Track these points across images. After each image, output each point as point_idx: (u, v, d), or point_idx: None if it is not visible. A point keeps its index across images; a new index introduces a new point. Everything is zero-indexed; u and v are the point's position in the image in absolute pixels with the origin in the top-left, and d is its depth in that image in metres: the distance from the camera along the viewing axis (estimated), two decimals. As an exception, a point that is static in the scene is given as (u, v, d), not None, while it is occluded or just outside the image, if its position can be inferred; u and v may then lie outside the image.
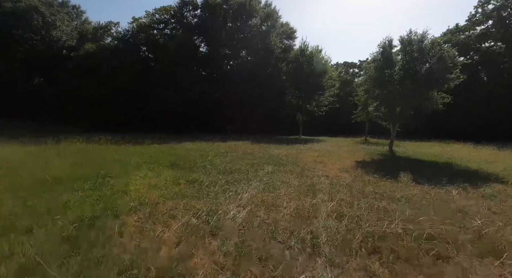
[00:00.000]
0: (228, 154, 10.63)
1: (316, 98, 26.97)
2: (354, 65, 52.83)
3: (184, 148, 11.99)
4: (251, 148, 13.60)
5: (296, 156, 11.08)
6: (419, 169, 8.68)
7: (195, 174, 6.49)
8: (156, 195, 4.59)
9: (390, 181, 6.79)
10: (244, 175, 6.68)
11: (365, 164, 9.88)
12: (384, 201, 4.87)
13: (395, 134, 13.81)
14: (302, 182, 6.37)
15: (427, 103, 12.02)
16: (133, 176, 5.98)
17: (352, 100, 26.19)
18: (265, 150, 12.78)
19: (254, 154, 11.00)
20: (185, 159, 8.58)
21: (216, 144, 14.76)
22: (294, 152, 12.85)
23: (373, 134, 28.05)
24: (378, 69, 12.88)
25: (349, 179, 6.98)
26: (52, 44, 26.17)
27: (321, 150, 14.18)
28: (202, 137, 19.20)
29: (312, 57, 25.40)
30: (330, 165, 9.33)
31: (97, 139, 12.66)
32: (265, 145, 15.47)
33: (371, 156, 12.31)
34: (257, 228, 3.48)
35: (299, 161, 9.73)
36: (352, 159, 11.14)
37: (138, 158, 8.35)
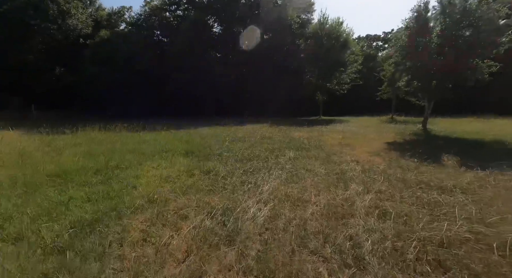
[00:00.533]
0: (246, 139, 10.04)
1: (337, 76, 25.27)
2: (378, 38, 48.89)
3: (200, 134, 11.55)
4: (269, 131, 12.91)
5: (319, 139, 10.26)
6: (464, 150, 7.58)
7: (211, 163, 5.97)
8: (167, 189, 4.12)
9: (433, 165, 5.88)
10: (264, 163, 6.07)
11: (398, 145, 8.88)
12: (433, 192, 4.06)
13: (430, 111, 12.41)
14: (330, 169, 5.65)
15: (471, 73, 10.48)
16: (146, 167, 5.57)
17: (377, 76, 24.25)
18: (285, 133, 12.04)
19: (273, 138, 10.32)
20: (201, 146, 8.11)
21: (233, 129, 14.21)
22: (316, 134, 12.00)
23: (400, 112, 26.07)
24: (411, 37, 11.33)
25: (383, 164, 6.15)
26: (69, 32, 26.25)
27: (345, 131, 13.19)
28: (219, 121, 18.73)
29: (332, 31, 23.45)
30: (358, 148, 8.46)
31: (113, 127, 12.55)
32: (284, 127, 14.69)
33: (403, 136, 11.18)
34: (283, 232, 2.89)
35: (323, 145, 8.93)
36: (381, 140, 10.13)
37: (152, 146, 7.99)
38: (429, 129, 12.72)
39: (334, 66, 24.09)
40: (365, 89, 33.97)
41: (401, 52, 11.73)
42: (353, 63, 24.88)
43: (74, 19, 26.39)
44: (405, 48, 11.33)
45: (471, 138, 10.15)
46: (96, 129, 11.96)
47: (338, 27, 23.68)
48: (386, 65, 22.25)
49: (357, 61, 24.95)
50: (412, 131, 12.38)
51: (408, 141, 9.90)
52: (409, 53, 11.28)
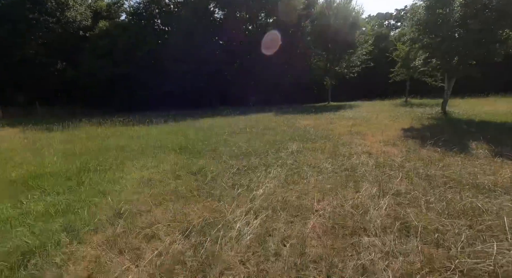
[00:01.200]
0: (247, 130, 9.31)
1: (346, 58, 23.81)
2: (390, 16, 46.07)
3: (200, 126, 10.91)
4: (274, 121, 12.12)
5: (327, 128, 9.42)
6: (494, 135, 6.60)
7: (203, 161, 5.32)
8: (143, 197, 3.50)
9: (461, 156, 5.00)
10: (262, 159, 5.36)
11: (415, 132, 7.94)
12: (467, 194, 3.26)
13: (449, 92, 11.22)
14: (338, 164, 4.89)
15: (500, 46, 9.21)
16: (128, 167, 4.98)
17: (389, 57, 22.63)
18: (290, 122, 11.22)
19: (276, 129, 9.56)
20: (197, 140, 7.46)
21: (235, 119, 13.49)
22: (323, 122, 11.14)
23: (415, 94, 24.56)
24: (430, 10, 10.04)
25: (400, 156, 5.32)
26: (68, 25, 25.68)
27: (355, 117, 12.23)
28: (223, 112, 18.03)
29: (340, 10, 21.83)
30: (370, 136, 7.59)
31: (113, 121, 12.09)
32: (290, 116, 13.84)
33: (420, 120, 10.15)
34: (273, 258, 2.21)
35: (331, 134, 8.11)
36: (396, 126, 9.18)
37: (145, 142, 7.42)
38: (449, 112, 11.57)
39: (344, 48, 22.63)
40: (377, 71, 32.18)
41: (418, 27, 10.46)
42: (363, 44, 23.30)
43: (73, 11, 25.73)
44: (423, 22, 10.07)
45: (499, 121, 9.04)
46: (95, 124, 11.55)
47: (347, 5, 22.02)
48: (400, 44, 20.65)
49: (367, 41, 23.34)
50: (430, 115, 11.29)
51: (427, 127, 8.90)
52: (427, 27, 10.03)
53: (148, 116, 15.39)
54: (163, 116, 15.83)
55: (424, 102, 20.45)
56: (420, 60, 11.54)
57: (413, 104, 18.66)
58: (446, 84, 11.13)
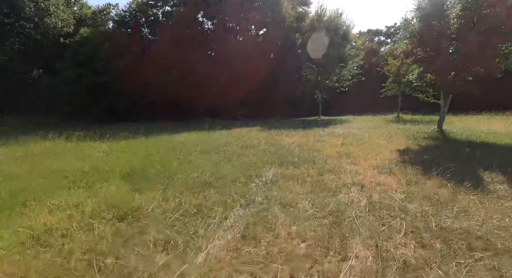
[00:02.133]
0: (223, 148, 8.13)
1: (337, 72, 23.29)
2: (380, 33, 46.78)
3: (171, 142, 9.67)
4: (257, 137, 11.00)
5: (313, 147, 8.33)
6: (505, 163, 5.60)
7: (146, 195, 4.08)
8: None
9: (477, 193, 3.92)
10: (225, 193, 4.14)
11: (413, 155, 6.91)
12: (502, 262, 2.13)
13: (446, 109, 10.40)
14: (320, 202, 3.73)
15: (501, 61, 8.47)
16: (40, 206, 3.68)
17: (381, 71, 22.20)
18: (274, 139, 10.12)
19: (257, 147, 8.41)
20: (157, 162, 6.21)
21: (217, 134, 12.32)
22: (311, 139, 10.07)
23: (407, 110, 24.04)
24: (424, 21, 9.34)
25: (400, 190, 4.21)
26: (47, 32, 24.51)
27: (346, 134, 11.24)
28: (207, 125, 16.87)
29: (331, 23, 21.48)
30: (362, 160, 6.52)
31: (73, 134, 10.71)
32: (276, 131, 12.76)
33: (417, 140, 9.20)
34: None
35: (317, 155, 7.01)
36: (391, 146, 8.17)
37: (92, 163, 6.11)
38: (446, 130, 10.71)
39: (335, 61, 22.12)
40: (368, 86, 31.94)
41: (412, 39, 9.73)
42: (354, 58, 22.89)
43: (54, 17, 24.64)
44: (417, 34, 9.34)
45: (503, 143, 8.14)
46: (52, 138, 10.15)
47: (337, 18, 21.71)
48: (391, 58, 20.25)
49: (358, 55, 22.96)
50: (426, 134, 10.39)
51: (425, 148, 7.92)
52: (421, 40, 9.29)
53: (122, 129, 14.07)
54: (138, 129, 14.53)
55: (416, 118, 19.84)
56: (414, 74, 10.78)
57: (406, 121, 17.94)
58: (442, 101, 10.32)
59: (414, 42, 9.73)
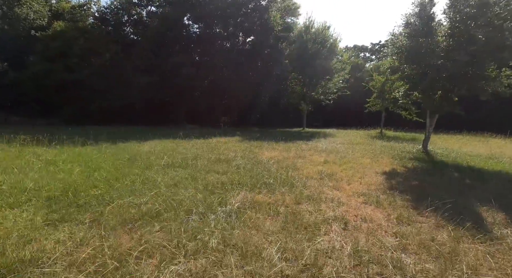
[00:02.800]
0: (191, 162, 7.16)
1: (323, 84, 23.07)
2: (365, 49, 48.01)
3: (135, 151, 8.55)
4: (234, 149, 10.10)
5: (294, 164, 7.53)
6: (500, 191, 5.03)
7: (61, 232, 3.04)
8: None
9: (481, 240, 3.21)
10: (171, 232, 3.18)
11: (401, 179, 6.26)
12: None
13: (432, 129, 10.03)
14: (293, 249, 2.86)
15: (488, 84, 8.18)
16: None
17: (366, 86, 22.16)
18: (252, 153, 9.26)
19: (232, 162, 7.50)
20: (101, 179, 5.13)
21: (191, 143, 11.30)
22: (292, 155, 9.30)
23: (389, 126, 24.16)
24: (412, 38, 8.99)
25: (391, 231, 3.44)
26: (17, 23, 22.63)
27: (329, 150, 10.60)
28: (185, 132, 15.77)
29: (319, 35, 21.33)
30: (345, 183, 5.78)
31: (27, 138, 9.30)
32: (255, 143, 11.93)
33: (402, 161, 8.66)
34: None
35: (297, 175, 6.21)
36: (376, 167, 7.54)
37: (18, 179, 4.92)
38: (430, 150, 10.31)
39: (320, 74, 21.88)
40: (352, 100, 32.16)
41: (399, 54, 9.35)
42: (340, 71, 22.80)
43: (26, 8, 22.85)
44: (405, 49, 8.95)
45: (491, 169, 7.73)
46: None
47: (325, 31, 21.61)
48: (376, 74, 20.26)
49: (344, 69, 22.88)
50: (411, 154, 9.92)
51: (412, 172, 7.33)
52: (409, 55, 8.90)
53: (87, 132, 12.68)
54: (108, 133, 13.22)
55: (399, 135, 19.78)
56: (399, 92, 10.40)
57: (389, 137, 17.74)
58: (428, 121, 9.94)
59: (401, 58, 9.34)
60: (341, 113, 33.50)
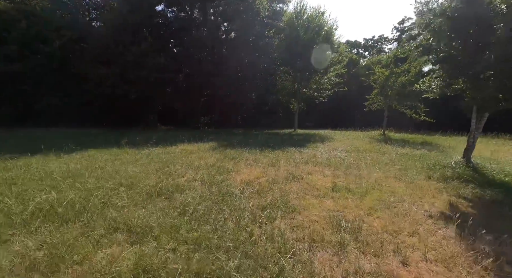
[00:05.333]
0: (107, 197, 3.90)
1: (317, 79, 20.08)
2: (359, 45, 45.59)
3: (18, 173, 5.18)
4: (199, 164, 6.85)
5: (284, 201, 4.36)
6: None
7: None
8: None
9: None
10: None
11: (488, 237, 3.22)
12: None
13: (479, 133, 7.09)
14: None
15: None
16: None
17: (366, 81, 19.33)
18: (221, 172, 6.04)
19: (176, 197, 4.28)
20: None
21: (140, 155, 7.97)
22: (281, 173, 6.16)
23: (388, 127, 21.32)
24: (460, 7, 5.99)
25: None
26: None
27: (333, 163, 7.54)
28: (147, 136, 12.40)
29: (312, 21, 18.31)
30: (395, 259, 2.65)
31: None
32: (233, 153, 8.71)
33: (450, 184, 5.64)
34: None
35: (295, 224, 3.08)
36: (421, 201, 4.50)
37: None
38: (477, 163, 7.39)
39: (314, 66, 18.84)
40: (348, 98, 29.48)
41: (438, 31, 6.34)
42: (336, 64, 19.87)
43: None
44: (450, 15, 5.94)
45: None
46: None
47: (319, 17, 18.59)
48: (379, 67, 17.48)
49: (342, 61, 19.97)
50: (451, 168, 6.95)
51: (485, 209, 4.32)
52: (456, 26, 5.90)
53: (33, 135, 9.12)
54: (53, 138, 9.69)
55: (405, 137, 16.98)
56: (432, 81, 7.38)
57: (395, 140, 14.89)
58: (474, 122, 7.00)
59: (443, 29, 6.32)
60: (335, 113, 30.74)
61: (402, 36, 39.38)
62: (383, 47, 42.09)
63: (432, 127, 19.79)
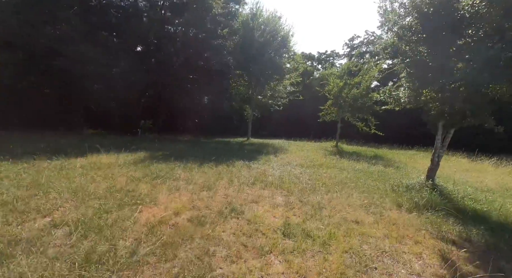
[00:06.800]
0: None
1: (272, 86, 19.03)
2: (313, 57, 47.06)
3: None
4: (93, 191, 4.57)
5: (202, 257, 2.52)
6: None
7: None
8: None
9: None
10: None
11: None
12: None
13: (443, 151, 6.32)
14: None
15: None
16: None
17: (320, 91, 18.91)
18: (124, 205, 3.93)
19: (18, 258, 2.07)
20: None
21: (29, 168, 5.34)
22: (215, 204, 4.31)
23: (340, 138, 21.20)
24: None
25: None
26: None
27: (287, 183, 6.04)
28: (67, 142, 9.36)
29: (268, 24, 17.28)
30: None
31: None
32: (162, 168, 6.57)
33: (428, 218, 4.50)
34: None
35: None
36: (406, 253, 3.12)
37: None
38: (441, 185, 6.61)
39: (269, 72, 17.73)
40: (302, 108, 29.35)
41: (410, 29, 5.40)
42: (292, 72, 19.13)
43: None
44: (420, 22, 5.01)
45: None
46: None
47: (276, 21, 17.68)
48: (334, 77, 17.14)
49: (298, 69, 19.31)
50: (417, 191, 5.99)
51: (484, 263, 3.14)
52: (425, 32, 4.98)
53: None
54: None
55: (356, 150, 16.75)
56: (404, 89, 6.46)
57: (348, 153, 14.38)
58: (439, 139, 6.21)
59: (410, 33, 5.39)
60: (290, 122, 30.29)
61: (352, 52, 41.70)
62: (335, 62, 44.02)
63: (377, 140, 20.30)
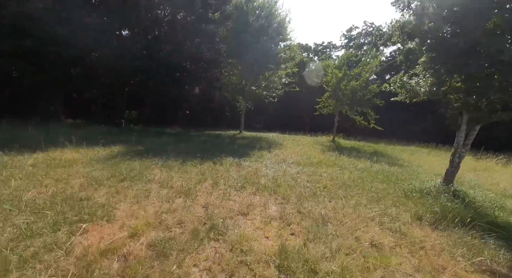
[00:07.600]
0: None
1: (266, 76, 17.87)
2: (309, 49, 45.72)
3: None
4: (33, 201, 3.51)
5: None
6: None
7: None
8: None
9: None
10: None
11: None
12: None
13: (466, 150, 5.42)
14: None
15: None
16: None
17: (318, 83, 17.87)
18: (63, 223, 2.86)
19: None
20: None
21: None
22: (190, 218, 3.28)
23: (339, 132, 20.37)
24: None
25: None
26: None
27: (282, 187, 5.07)
28: (37, 133, 8.15)
29: (263, 7, 15.99)
30: None
31: None
32: (136, 166, 5.50)
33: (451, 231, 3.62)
34: None
35: None
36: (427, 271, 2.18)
37: None
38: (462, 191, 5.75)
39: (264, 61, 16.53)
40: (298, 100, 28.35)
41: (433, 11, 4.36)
42: (288, 61, 17.97)
43: None
44: None
45: None
46: None
47: (272, 6, 16.37)
48: (333, 67, 16.09)
49: (294, 58, 18.15)
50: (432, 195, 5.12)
51: None
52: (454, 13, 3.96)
53: None
54: None
55: (354, 145, 15.89)
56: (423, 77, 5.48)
57: (347, 149, 13.50)
58: (460, 135, 5.30)
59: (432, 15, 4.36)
60: (285, 115, 29.30)
61: (349, 43, 40.53)
62: (332, 54, 42.81)
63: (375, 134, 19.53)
